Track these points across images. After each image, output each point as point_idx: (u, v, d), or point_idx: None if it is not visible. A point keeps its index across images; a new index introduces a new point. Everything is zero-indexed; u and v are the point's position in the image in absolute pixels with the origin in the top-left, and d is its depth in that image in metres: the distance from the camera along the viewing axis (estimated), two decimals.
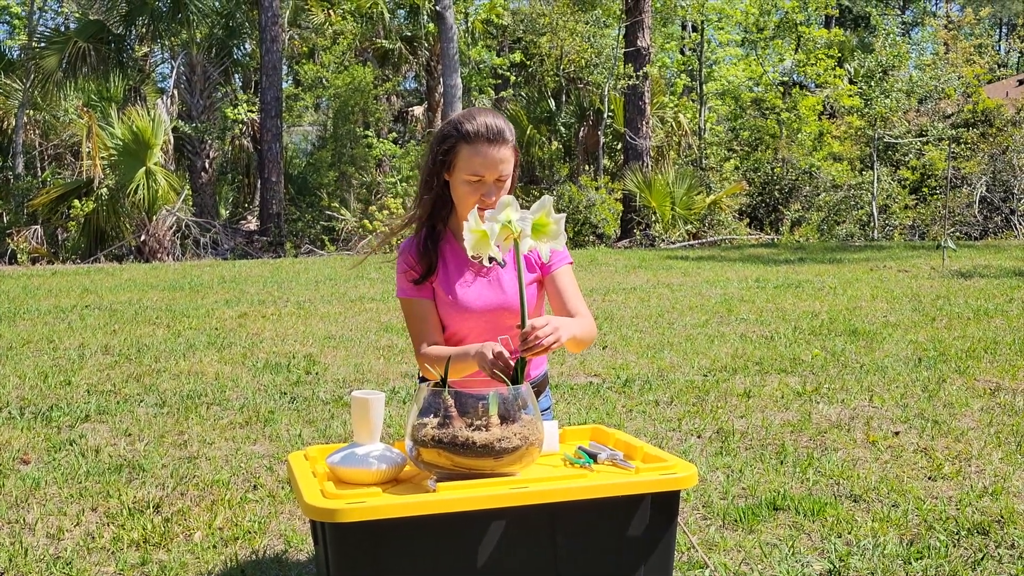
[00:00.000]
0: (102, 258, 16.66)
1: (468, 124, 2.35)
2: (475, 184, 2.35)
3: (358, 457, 2.20)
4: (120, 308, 9.68)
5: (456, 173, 2.37)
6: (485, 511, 2.04)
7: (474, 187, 2.36)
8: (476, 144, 2.33)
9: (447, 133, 2.38)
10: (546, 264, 2.48)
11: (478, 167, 2.34)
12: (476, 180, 2.35)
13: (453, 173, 2.38)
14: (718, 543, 3.34)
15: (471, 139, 2.34)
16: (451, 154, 2.36)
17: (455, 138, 2.35)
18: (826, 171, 20.86)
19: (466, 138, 2.34)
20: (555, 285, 2.47)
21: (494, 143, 2.34)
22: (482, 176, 2.34)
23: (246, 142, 21.68)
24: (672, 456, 2.24)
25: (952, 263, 12.79)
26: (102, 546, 3.38)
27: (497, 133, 2.34)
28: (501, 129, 2.36)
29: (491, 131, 2.34)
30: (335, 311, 9.31)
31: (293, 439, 4.72)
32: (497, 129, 2.35)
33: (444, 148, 2.37)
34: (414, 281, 2.46)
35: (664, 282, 11.32)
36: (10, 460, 4.42)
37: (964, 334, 7.45)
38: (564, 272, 2.49)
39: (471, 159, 2.34)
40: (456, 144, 2.35)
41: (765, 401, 5.42)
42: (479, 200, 2.35)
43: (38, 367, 6.61)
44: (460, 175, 2.36)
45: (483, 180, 2.35)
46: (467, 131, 2.34)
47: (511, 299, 2.44)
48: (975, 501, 3.72)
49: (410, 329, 2.50)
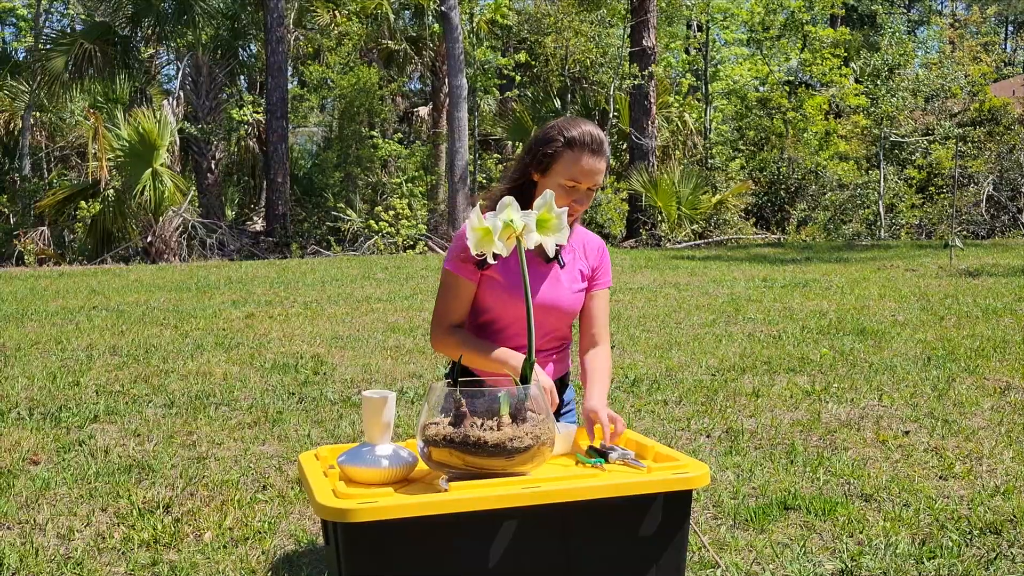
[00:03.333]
0: (109, 259, 16.69)
1: (573, 131, 2.46)
2: (570, 189, 2.46)
3: (369, 457, 2.19)
4: (127, 309, 9.69)
5: (552, 176, 2.47)
6: (497, 511, 2.03)
7: (568, 192, 2.46)
8: (579, 151, 2.44)
9: (551, 136, 2.48)
10: (594, 280, 2.60)
11: (577, 173, 2.44)
12: (572, 185, 2.45)
13: (548, 175, 2.47)
14: (729, 543, 3.33)
15: (575, 146, 2.44)
16: (552, 157, 2.46)
17: (559, 143, 2.46)
18: (832, 170, 20.84)
19: (570, 144, 2.45)
20: (591, 304, 2.60)
21: (596, 153, 2.46)
22: (579, 182, 2.45)
23: (252, 143, 21.71)
24: (684, 455, 2.24)
25: (960, 262, 12.76)
26: (112, 546, 3.38)
27: (599, 144, 2.46)
28: (602, 141, 2.48)
29: (595, 141, 2.46)
30: (342, 311, 9.31)
31: (302, 439, 4.71)
32: (599, 140, 2.47)
33: (546, 150, 2.47)
34: (474, 263, 2.47)
35: (671, 282, 11.30)
36: (20, 461, 4.42)
37: (973, 333, 7.43)
38: (602, 295, 2.63)
39: (572, 165, 2.44)
40: (559, 148, 2.45)
41: (774, 400, 5.41)
42: (569, 205, 2.45)
43: (46, 368, 6.62)
44: (557, 178, 2.46)
45: (577, 186, 2.45)
46: (572, 137, 2.45)
47: (563, 299, 2.55)
48: (987, 500, 3.71)
49: (441, 301, 2.53)
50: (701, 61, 23.77)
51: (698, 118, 22.28)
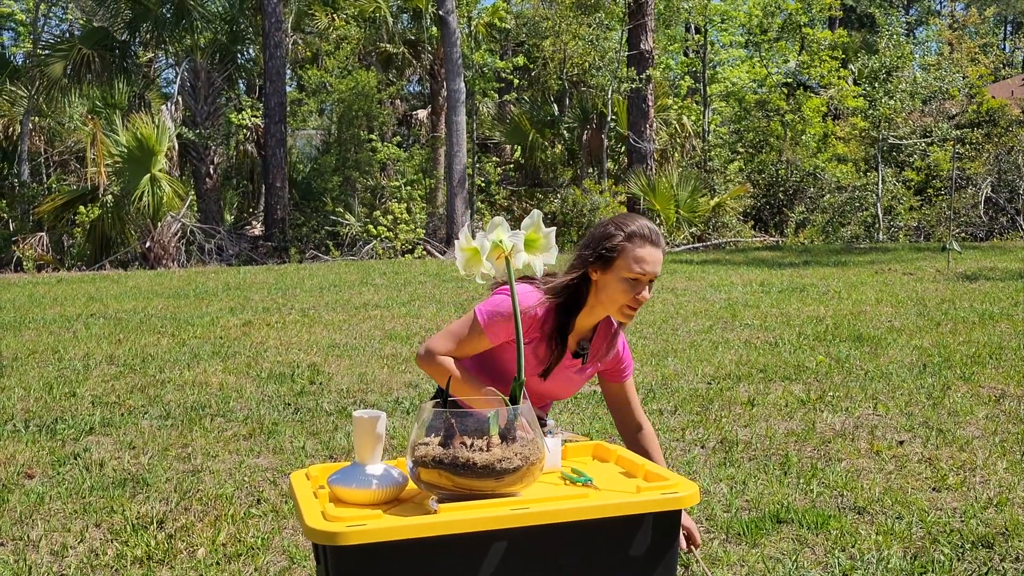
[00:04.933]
0: (107, 265, 16.69)
1: (632, 226, 2.51)
2: (633, 283, 2.48)
3: (359, 477, 2.20)
4: (125, 317, 9.70)
5: (614, 271, 2.49)
6: (486, 532, 2.04)
7: (632, 285, 2.48)
8: (639, 243, 2.48)
9: (611, 233, 2.51)
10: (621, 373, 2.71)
11: (640, 266, 2.47)
12: (635, 279, 2.47)
13: (610, 271, 2.49)
14: (721, 557, 3.33)
15: (635, 239, 2.48)
16: (614, 252, 2.49)
17: (620, 237, 2.49)
18: (830, 172, 20.84)
19: (630, 238, 2.48)
20: (626, 394, 2.73)
21: (656, 244, 2.50)
22: (644, 274, 2.47)
23: (250, 147, 21.72)
24: (674, 474, 2.24)
25: (957, 265, 12.76)
26: (106, 563, 3.39)
27: (657, 235, 2.52)
28: (658, 232, 2.54)
29: (653, 233, 2.51)
30: (339, 319, 9.32)
31: (296, 452, 4.72)
32: (656, 231, 2.53)
33: (608, 246, 2.49)
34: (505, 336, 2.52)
35: (668, 287, 11.31)
36: (15, 475, 4.43)
37: (969, 339, 7.44)
38: (631, 384, 2.76)
39: (635, 258, 2.47)
40: (620, 244, 2.49)
41: (769, 410, 5.42)
42: (632, 299, 2.50)
43: (43, 378, 6.62)
44: (620, 272, 2.48)
45: (640, 279, 2.47)
46: (632, 232, 2.49)
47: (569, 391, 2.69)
48: (980, 513, 3.71)
49: (455, 332, 2.54)
50: (699, 63, 23.79)
51: (696, 120, 22.29)
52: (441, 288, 11.82)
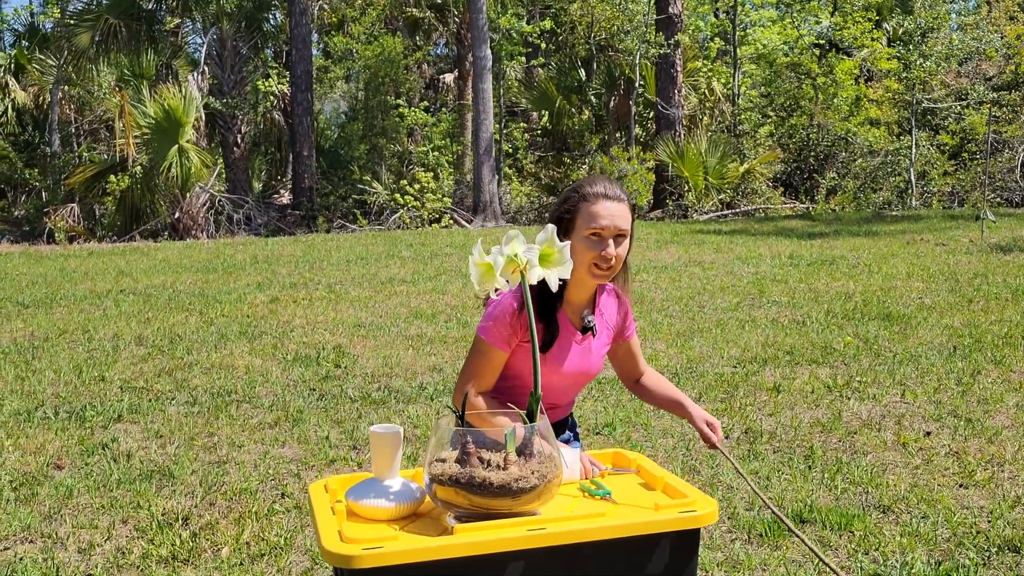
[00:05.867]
0: (137, 236, 16.82)
1: (588, 186, 2.52)
2: (595, 240, 2.46)
3: (376, 492, 2.21)
4: (154, 293, 9.78)
5: (576, 232, 2.48)
6: (503, 553, 2.04)
7: (594, 244, 2.46)
8: (595, 201, 2.48)
9: (567, 195, 2.54)
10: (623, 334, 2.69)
11: (597, 221, 2.46)
12: (595, 235, 2.46)
13: (572, 233, 2.49)
14: (743, 561, 3.32)
15: (590, 197, 2.48)
16: (571, 213, 2.49)
17: (575, 198, 2.50)
18: (863, 136, 20.51)
19: (585, 197, 2.49)
20: (631, 350, 2.73)
21: (612, 198, 2.49)
22: (601, 229, 2.45)
23: (277, 116, 21.72)
24: (693, 489, 2.22)
25: (991, 235, 12.56)
26: (132, 563, 3.43)
27: (614, 190, 2.51)
28: (617, 189, 2.53)
29: (609, 188, 2.50)
30: (365, 295, 9.34)
31: (320, 442, 4.75)
32: (614, 187, 2.53)
33: (565, 208, 2.51)
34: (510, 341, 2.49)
35: (696, 259, 11.23)
36: (45, 466, 4.49)
37: (1001, 318, 7.33)
38: (637, 340, 2.77)
39: (590, 215, 2.47)
40: (576, 203, 2.49)
41: (795, 397, 5.37)
42: (597, 256, 2.46)
43: (73, 360, 6.70)
44: (580, 232, 2.48)
45: (602, 235, 2.45)
46: (587, 191, 2.50)
47: (593, 367, 2.62)
48: (1007, 513, 3.67)
49: (470, 365, 2.52)
50: (729, 25, 23.41)
51: (726, 83, 21.98)
52: (466, 262, 11.77)
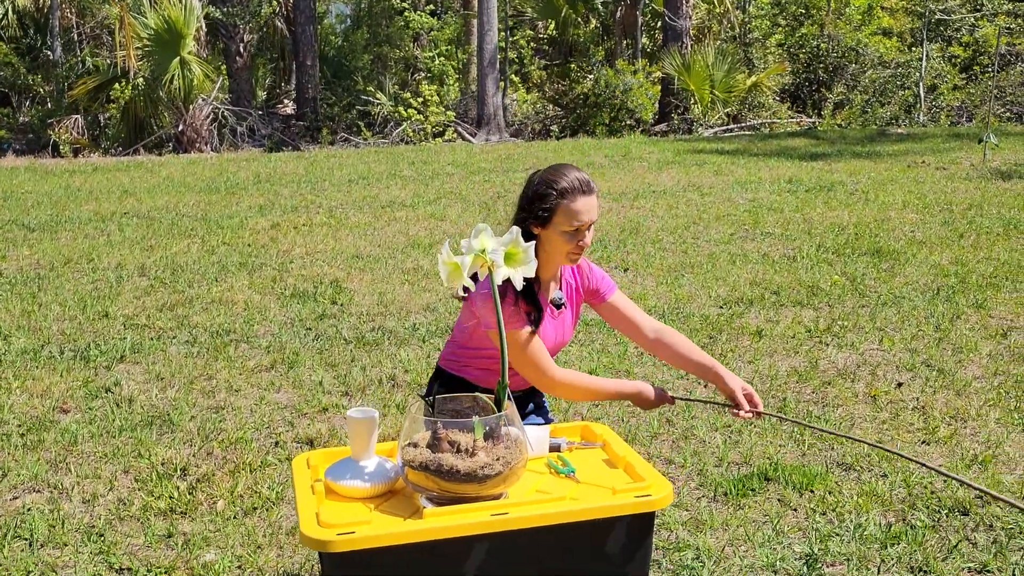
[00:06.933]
0: (141, 149, 16.85)
1: (563, 181, 2.64)
2: (573, 233, 2.65)
3: (353, 473, 2.39)
4: (158, 216, 9.91)
5: (554, 227, 2.66)
6: (468, 536, 2.22)
7: (572, 236, 2.66)
8: (573, 198, 2.63)
9: (543, 192, 2.65)
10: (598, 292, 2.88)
11: (576, 218, 2.63)
12: (574, 230, 2.65)
13: (550, 227, 2.66)
14: (706, 520, 3.51)
15: (568, 195, 2.63)
16: (550, 211, 2.64)
17: (553, 196, 2.64)
18: (874, 47, 20.18)
19: (563, 195, 2.63)
20: (618, 309, 2.89)
21: (588, 192, 2.66)
22: (581, 224, 2.64)
23: (279, 23, 21.44)
24: (652, 471, 2.38)
25: (993, 158, 12.53)
26: (132, 514, 3.65)
27: (588, 184, 2.67)
28: (589, 180, 2.68)
29: (584, 183, 2.66)
30: (365, 220, 9.46)
31: (314, 388, 4.94)
32: (587, 181, 2.68)
33: (544, 206, 2.65)
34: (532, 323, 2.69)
35: (695, 184, 11.27)
36: (51, 410, 4.70)
37: (990, 255, 7.43)
38: (620, 295, 2.91)
39: (571, 213, 2.63)
40: (555, 202, 2.64)
41: (776, 343, 5.53)
42: (575, 247, 2.67)
43: (78, 293, 6.88)
44: (559, 228, 2.65)
45: (580, 228, 2.65)
46: (564, 188, 2.63)
47: (567, 336, 2.87)
48: (962, 472, 3.85)
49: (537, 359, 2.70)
50: None
51: None
52: (467, 183, 11.87)
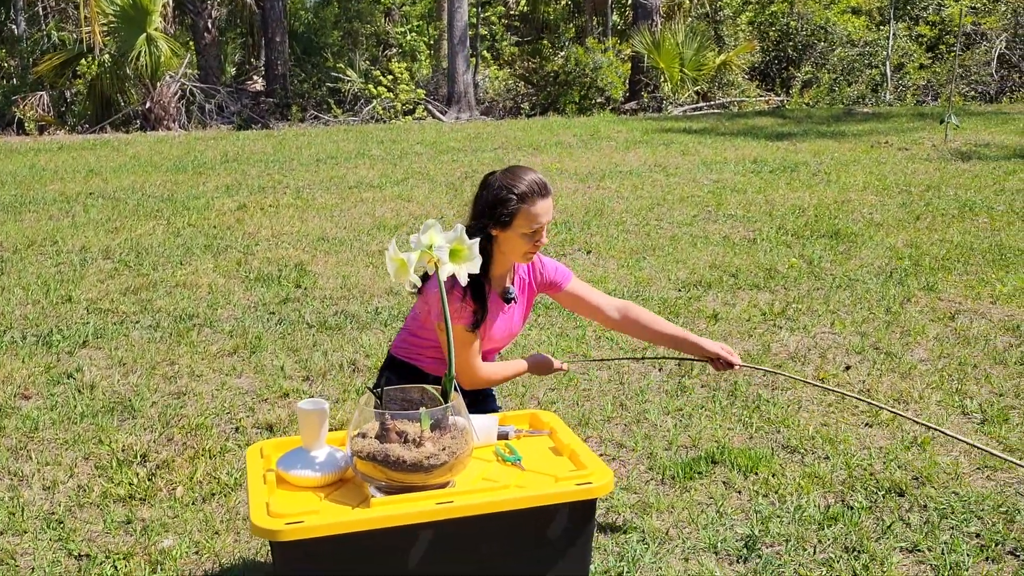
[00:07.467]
0: (108, 127, 16.72)
1: (522, 185, 2.75)
2: (531, 234, 2.77)
3: (304, 463, 2.48)
4: (123, 196, 9.89)
5: (514, 229, 2.77)
6: (415, 524, 2.31)
7: (531, 237, 2.78)
8: (532, 202, 2.74)
9: (503, 198, 2.75)
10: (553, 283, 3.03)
11: (535, 220, 2.75)
12: (533, 231, 2.76)
13: (510, 230, 2.77)
14: (653, 503, 3.63)
15: (527, 199, 2.74)
16: (511, 215, 2.75)
17: (514, 201, 2.74)
18: (843, 25, 20.33)
19: (523, 199, 2.73)
20: (577, 295, 3.05)
21: (546, 195, 2.77)
22: (540, 227, 2.77)
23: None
24: (595, 459, 2.48)
25: (954, 138, 12.71)
26: (92, 501, 3.71)
27: (545, 186, 2.78)
28: (545, 182, 2.80)
29: (541, 186, 2.77)
30: (332, 201, 9.49)
31: (276, 373, 5.00)
32: (544, 183, 2.79)
33: (504, 211, 2.74)
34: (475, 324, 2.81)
35: (661, 164, 11.37)
36: (12, 396, 4.74)
37: (944, 237, 7.58)
38: (576, 282, 3.06)
39: (530, 216, 2.75)
40: (515, 207, 2.74)
41: (731, 325, 5.65)
42: (532, 246, 2.79)
43: (41, 276, 6.89)
44: (519, 230, 2.76)
45: (538, 230, 2.77)
46: (523, 192, 2.74)
47: (516, 329, 3.01)
48: (901, 454, 3.98)
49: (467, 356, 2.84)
50: None
51: None
52: (435, 162, 11.90)
